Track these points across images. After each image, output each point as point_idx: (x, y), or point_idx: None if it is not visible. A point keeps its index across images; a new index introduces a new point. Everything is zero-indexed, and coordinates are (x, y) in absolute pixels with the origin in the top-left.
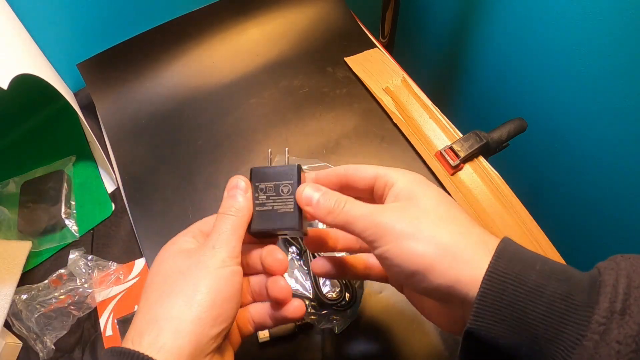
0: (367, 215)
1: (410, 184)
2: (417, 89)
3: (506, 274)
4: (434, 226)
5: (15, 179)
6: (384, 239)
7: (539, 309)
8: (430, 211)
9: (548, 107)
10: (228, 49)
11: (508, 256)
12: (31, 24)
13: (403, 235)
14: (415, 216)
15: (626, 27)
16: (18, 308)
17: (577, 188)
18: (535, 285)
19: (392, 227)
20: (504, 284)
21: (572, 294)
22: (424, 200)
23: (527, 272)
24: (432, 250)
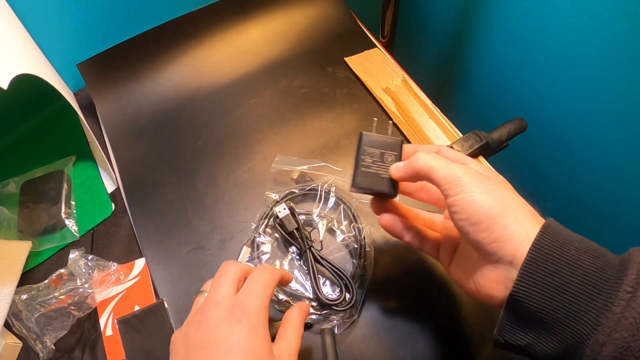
0: (449, 166)
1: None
2: (417, 89)
3: (550, 247)
4: (503, 190)
5: (15, 179)
6: (459, 188)
7: (576, 279)
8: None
9: (548, 107)
10: (228, 49)
11: (552, 232)
12: (31, 24)
13: (476, 188)
14: (486, 178)
15: (626, 27)
16: (18, 308)
17: (577, 188)
18: (574, 258)
19: (468, 180)
20: (547, 256)
21: (605, 268)
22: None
23: (568, 247)
24: (499, 206)
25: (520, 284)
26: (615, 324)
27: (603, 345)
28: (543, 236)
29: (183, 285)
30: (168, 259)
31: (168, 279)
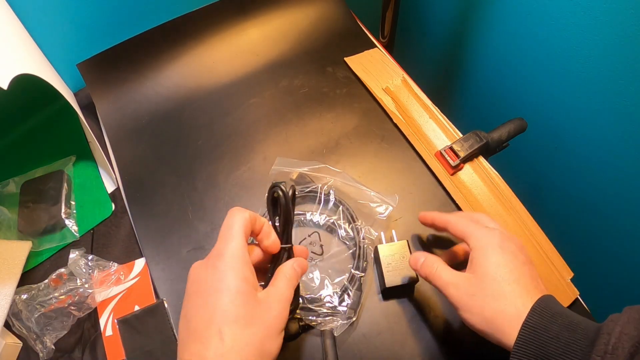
0: (447, 286)
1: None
2: (417, 89)
3: (536, 327)
4: (484, 302)
5: (15, 179)
6: (457, 307)
7: (558, 351)
8: (485, 287)
9: (548, 107)
10: (228, 49)
11: (538, 314)
12: (31, 24)
13: (465, 310)
14: (472, 293)
15: (626, 27)
16: (18, 308)
17: (576, 188)
18: (556, 334)
19: (459, 302)
20: (534, 334)
21: (581, 340)
22: (485, 275)
23: (551, 325)
24: (482, 324)
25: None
26: None
27: None
28: (531, 317)
29: (183, 285)
30: (168, 259)
31: (168, 279)
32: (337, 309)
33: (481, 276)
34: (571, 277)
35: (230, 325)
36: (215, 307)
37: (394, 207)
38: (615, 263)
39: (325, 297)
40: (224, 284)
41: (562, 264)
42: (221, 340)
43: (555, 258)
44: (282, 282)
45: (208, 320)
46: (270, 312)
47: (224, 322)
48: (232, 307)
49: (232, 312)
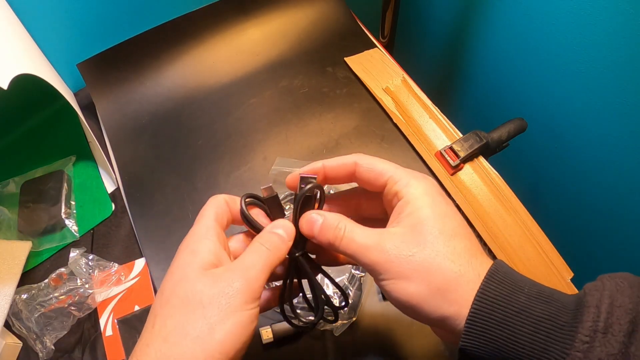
0: (365, 250)
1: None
2: (417, 89)
3: (496, 296)
4: (430, 264)
5: (15, 179)
6: (383, 275)
7: (526, 328)
8: (429, 243)
9: (548, 107)
10: (228, 49)
11: (498, 279)
12: (31, 24)
13: (399, 275)
14: (411, 252)
15: (626, 27)
16: (18, 308)
17: (577, 188)
18: (523, 306)
19: (387, 268)
20: (493, 305)
21: (558, 315)
22: (425, 228)
23: (516, 295)
24: (424, 291)
25: (467, 338)
26: None
27: None
28: (489, 284)
29: None
30: (168, 259)
31: None
32: (337, 309)
33: (419, 230)
34: (571, 277)
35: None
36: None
37: None
38: (615, 263)
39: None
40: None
41: (562, 264)
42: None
43: (555, 258)
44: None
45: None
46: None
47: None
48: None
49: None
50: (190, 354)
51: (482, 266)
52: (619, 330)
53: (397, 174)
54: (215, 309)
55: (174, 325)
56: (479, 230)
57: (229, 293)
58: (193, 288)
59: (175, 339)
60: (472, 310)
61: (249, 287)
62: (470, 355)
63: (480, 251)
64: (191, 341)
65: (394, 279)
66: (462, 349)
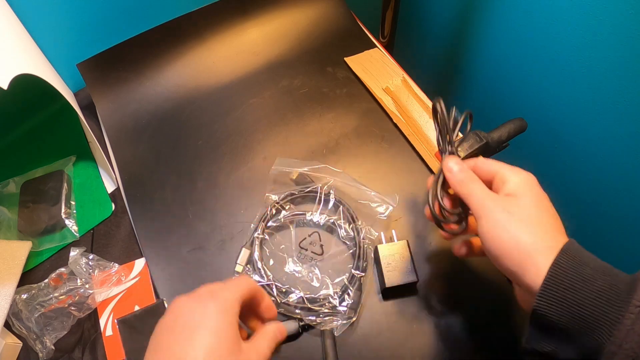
0: (482, 197)
1: (520, 183)
2: (417, 89)
3: (567, 267)
4: (522, 224)
5: (15, 179)
6: (484, 219)
7: (590, 294)
8: (525, 210)
9: (548, 107)
10: (228, 49)
11: (570, 254)
12: (31, 24)
13: (496, 223)
14: (512, 212)
15: (626, 27)
16: (18, 308)
17: (577, 188)
18: (588, 277)
19: (492, 214)
20: (564, 274)
21: (617, 285)
22: (524, 200)
23: (583, 267)
24: (512, 243)
25: (541, 299)
26: (625, 336)
27: (614, 354)
28: (562, 257)
29: (183, 285)
30: (168, 259)
31: (168, 279)
32: (337, 309)
33: (522, 198)
34: None
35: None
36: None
37: (394, 207)
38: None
39: (325, 297)
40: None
41: None
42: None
43: None
44: (264, 340)
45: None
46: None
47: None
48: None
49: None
50: None
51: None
52: None
53: (503, 168)
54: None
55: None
56: None
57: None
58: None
59: None
60: (547, 277)
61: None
62: (540, 314)
63: (562, 231)
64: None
65: (493, 225)
66: (535, 308)
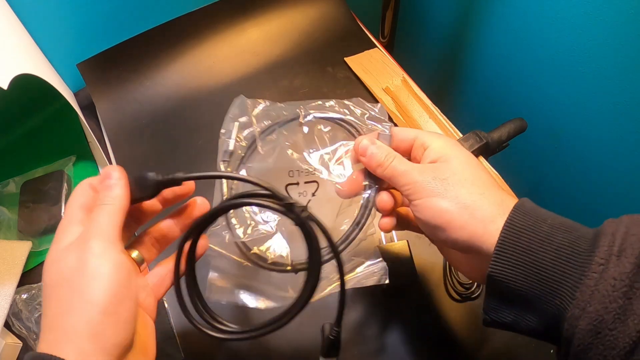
0: (408, 172)
1: (443, 147)
2: (417, 89)
3: (522, 226)
4: (459, 186)
5: (15, 179)
6: (417, 194)
7: (549, 254)
8: (458, 172)
9: (548, 107)
10: (228, 49)
11: (524, 211)
12: (31, 24)
13: (432, 193)
14: (444, 177)
15: (626, 27)
16: (18, 308)
17: (577, 188)
18: (546, 234)
19: (424, 186)
20: (519, 234)
21: (577, 242)
22: (454, 162)
23: (540, 225)
24: (454, 208)
25: (495, 264)
26: (589, 297)
27: (578, 318)
28: (515, 215)
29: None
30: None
31: None
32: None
33: (450, 162)
34: None
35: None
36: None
37: None
38: None
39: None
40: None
41: None
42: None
43: None
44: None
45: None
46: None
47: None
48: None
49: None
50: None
51: (504, 196)
52: (632, 254)
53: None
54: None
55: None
56: None
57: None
58: (58, 268)
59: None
60: (500, 239)
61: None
62: (497, 280)
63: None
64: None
65: (428, 197)
66: (490, 274)
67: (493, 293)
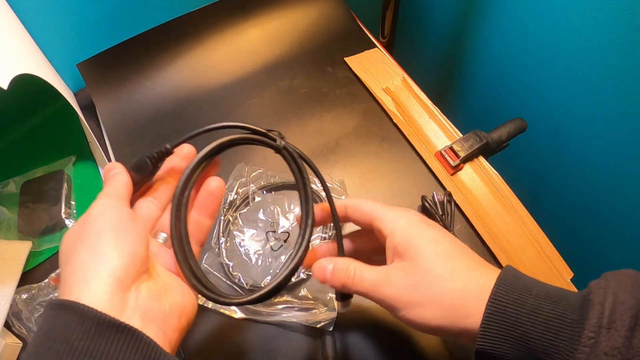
0: (375, 289)
1: (404, 238)
2: (417, 89)
3: (507, 300)
4: (436, 287)
5: (15, 179)
6: (397, 310)
7: (537, 328)
8: (429, 269)
9: (548, 107)
10: (228, 49)
11: (508, 284)
12: (31, 24)
13: (411, 305)
14: (415, 282)
15: (626, 28)
16: (18, 308)
17: (576, 188)
18: (533, 307)
19: (399, 300)
20: (505, 309)
21: (565, 313)
22: (420, 258)
23: (525, 297)
24: (438, 313)
25: (484, 338)
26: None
27: None
28: (499, 289)
29: None
30: None
31: None
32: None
33: (416, 259)
34: (571, 277)
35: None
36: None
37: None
38: (615, 263)
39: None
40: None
41: (562, 264)
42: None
43: (555, 258)
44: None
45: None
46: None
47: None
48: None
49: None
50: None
51: (483, 277)
52: (622, 326)
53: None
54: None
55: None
56: (479, 231)
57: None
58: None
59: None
60: (485, 315)
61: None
62: (486, 356)
63: (478, 263)
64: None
65: (408, 308)
66: (477, 350)
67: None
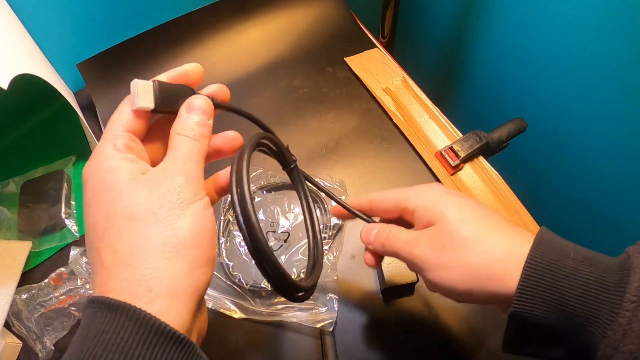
0: (406, 248)
1: (429, 205)
2: (417, 89)
3: (544, 262)
4: (462, 250)
5: (15, 179)
6: (425, 270)
7: (575, 291)
8: (456, 233)
9: (548, 107)
10: (228, 49)
11: (544, 246)
12: (31, 24)
13: (437, 267)
14: (442, 244)
15: (626, 27)
16: (18, 308)
17: (577, 188)
18: (571, 270)
19: (426, 261)
20: (543, 271)
21: (605, 277)
22: (447, 221)
23: (563, 260)
24: (467, 277)
25: (520, 302)
26: (622, 337)
27: (611, 357)
28: (536, 250)
29: None
30: None
31: None
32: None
33: (443, 223)
34: None
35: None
36: (92, 226)
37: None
38: None
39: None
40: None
41: None
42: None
43: None
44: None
45: (88, 249)
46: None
47: (94, 241)
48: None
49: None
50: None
51: (513, 239)
52: None
53: (404, 193)
54: (168, 210)
55: (128, 246)
56: None
57: (175, 190)
58: (133, 201)
59: (138, 258)
60: (522, 276)
61: (192, 179)
62: (521, 319)
63: (506, 226)
64: (157, 250)
65: (435, 270)
66: (512, 314)
67: (516, 328)
